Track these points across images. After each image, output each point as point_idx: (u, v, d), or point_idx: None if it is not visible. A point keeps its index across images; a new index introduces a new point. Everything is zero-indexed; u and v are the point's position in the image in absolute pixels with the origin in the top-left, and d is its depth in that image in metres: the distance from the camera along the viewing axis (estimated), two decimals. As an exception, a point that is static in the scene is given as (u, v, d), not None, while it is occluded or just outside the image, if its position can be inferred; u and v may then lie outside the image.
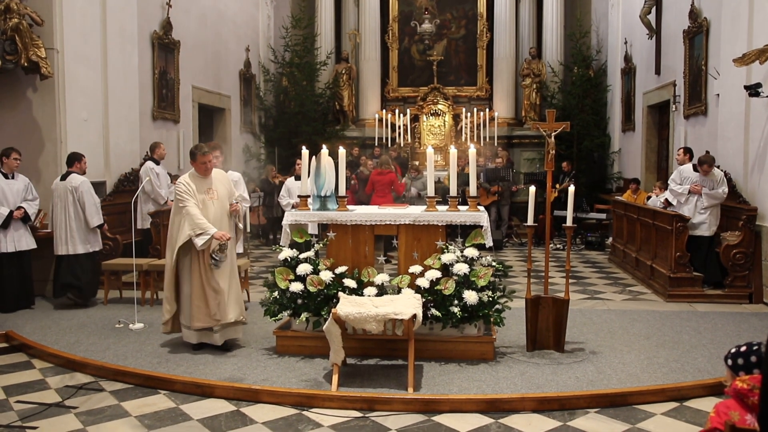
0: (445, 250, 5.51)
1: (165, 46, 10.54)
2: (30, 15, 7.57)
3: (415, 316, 4.77)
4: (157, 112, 10.33)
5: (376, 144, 13.97)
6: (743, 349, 2.89)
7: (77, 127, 8.21)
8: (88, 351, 5.74)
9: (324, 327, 4.94)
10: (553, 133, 5.81)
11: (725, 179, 7.99)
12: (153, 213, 8.53)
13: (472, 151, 5.88)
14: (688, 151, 8.80)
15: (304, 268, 5.53)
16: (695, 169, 8.15)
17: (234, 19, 13.44)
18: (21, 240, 7.30)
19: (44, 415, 4.48)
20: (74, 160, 7.60)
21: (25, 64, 7.47)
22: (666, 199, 8.58)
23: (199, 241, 5.48)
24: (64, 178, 7.52)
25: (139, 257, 7.57)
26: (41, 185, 8.00)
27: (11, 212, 7.17)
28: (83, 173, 7.65)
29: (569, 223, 5.73)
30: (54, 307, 7.46)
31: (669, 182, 8.69)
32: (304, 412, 4.51)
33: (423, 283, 5.39)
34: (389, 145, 13.87)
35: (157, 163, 8.98)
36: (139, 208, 8.57)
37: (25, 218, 7.34)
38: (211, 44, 12.38)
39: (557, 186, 11.95)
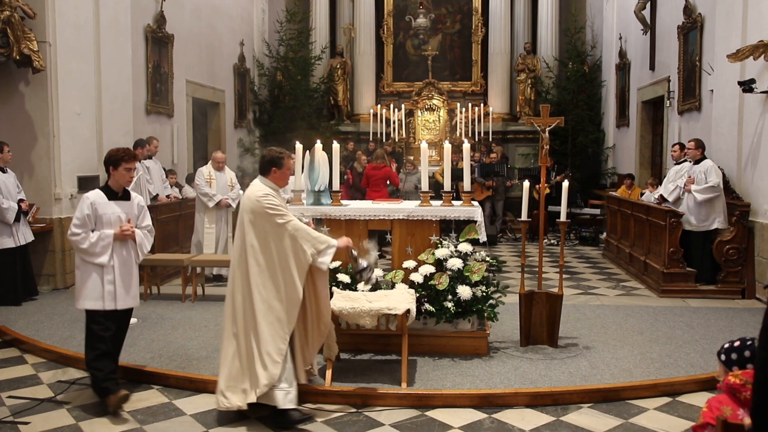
0: (439, 246, 5.50)
1: (158, 39, 10.48)
2: (22, 8, 7.50)
3: (408, 311, 4.77)
4: (151, 106, 10.28)
5: (371, 139, 13.96)
6: (737, 344, 2.90)
7: (70, 121, 8.16)
8: (81, 346, 5.63)
9: (318, 322, 4.92)
10: (547, 128, 5.81)
11: (717, 170, 7.92)
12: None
13: (466, 146, 5.88)
14: (683, 147, 8.82)
15: (297, 263, 5.51)
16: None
17: (228, 13, 13.38)
18: (26, 233, 7.44)
19: (36, 410, 4.46)
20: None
21: (17, 58, 7.41)
22: (661, 195, 8.59)
23: (326, 259, 4.33)
24: None
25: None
26: (34, 179, 7.97)
27: (20, 205, 7.28)
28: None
29: (563, 218, 5.73)
30: (47, 302, 7.43)
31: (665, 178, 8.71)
32: (298, 407, 4.50)
33: (417, 278, 5.38)
34: (384, 140, 13.87)
35: (149, 158, 8.88)
36: None
37: (25, 212, 7.45)
38: (205, 38, 12.32)
39: (549, 183, 12.04)
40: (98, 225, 4.59)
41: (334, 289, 5.32)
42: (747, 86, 7.36)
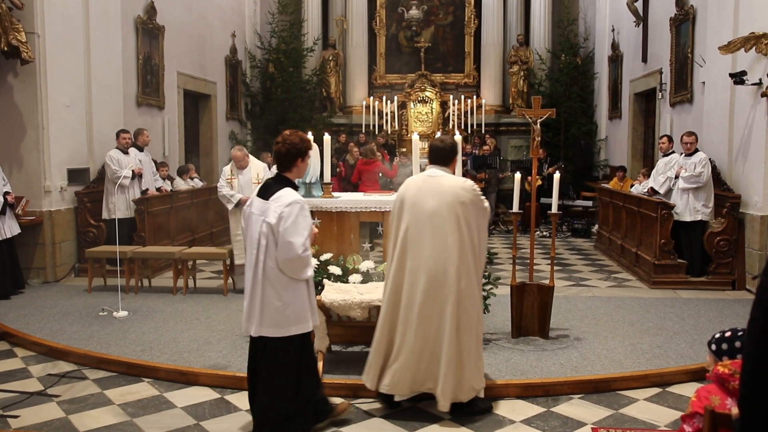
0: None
1: (149, 31, 10.39)
2: (9, -2, 7.44)
3: (400, 303, 4.76)
4: (142, 98, 10.20)
5: (363, 131, 13.92)
6: (728, 334, 2.91)
7: (59, 113, 8.10)
8: (71, 339, 5.69)
9: (309, 314, 4.91)
10: (538, 120, 5.80)
11: (708, 163, 7.97)
12: (137, 200, 8.44)
13: (457, 137, 5.85)
14: (671, 140, 8.85)
15: (289, 256, 5.49)
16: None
17: (220, 4, 13.28)
18: (13, 226, 7.40)
19: (26, 403, 4.45)
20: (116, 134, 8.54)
21: (5, 49, 7.34)
22: (651, 187, 8.60)
23: None
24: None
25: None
26: (23, 172, 7.91)
27: (6, 198, 7.23)
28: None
29: (554, 210, 5.74)
30: (37, 295, 7.40)
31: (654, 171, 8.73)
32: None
33: (408, 270, 5.36)
34: (376, 132, 13.83)
35: (125, 152, 8.59)
36: (104, 200, 8.41)
37: (12, 204, 7.40)
38: (197, 30, 12.23)
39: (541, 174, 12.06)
40: None
41: (325, 281, 5.31)
42: (738, 78, 7.37)
